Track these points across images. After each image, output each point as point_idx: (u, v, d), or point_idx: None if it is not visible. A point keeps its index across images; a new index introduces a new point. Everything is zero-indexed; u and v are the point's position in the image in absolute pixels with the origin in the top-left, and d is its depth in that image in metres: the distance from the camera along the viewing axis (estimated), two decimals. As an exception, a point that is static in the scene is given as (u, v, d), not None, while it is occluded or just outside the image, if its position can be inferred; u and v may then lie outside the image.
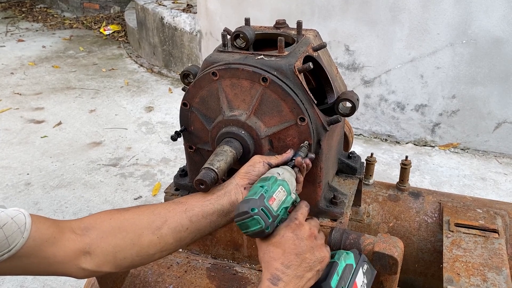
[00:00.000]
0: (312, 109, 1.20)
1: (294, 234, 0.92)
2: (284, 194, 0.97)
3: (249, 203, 0.90)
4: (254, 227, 0.90)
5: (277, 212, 0.93)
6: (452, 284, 1.26)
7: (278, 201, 0.94)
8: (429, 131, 3.29)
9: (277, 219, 0.93)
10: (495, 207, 1.58)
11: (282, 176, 1.00)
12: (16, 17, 7.19)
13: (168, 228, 0.95)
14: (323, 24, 3.28)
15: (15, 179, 2.96)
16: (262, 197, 0.92)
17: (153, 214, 0.97)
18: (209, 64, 1.26)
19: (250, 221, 0.89)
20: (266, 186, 0.95)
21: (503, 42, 2.86)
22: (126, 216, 0.96)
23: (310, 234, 0.95)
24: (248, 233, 0.91)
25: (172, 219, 0.96)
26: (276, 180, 0.97)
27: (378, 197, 1.67)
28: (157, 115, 3.88)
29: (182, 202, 1.00)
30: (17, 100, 4.20)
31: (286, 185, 0.99)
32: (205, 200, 1.00)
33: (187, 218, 0.97)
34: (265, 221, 0.90)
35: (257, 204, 0.90)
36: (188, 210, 0.98)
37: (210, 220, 0.99)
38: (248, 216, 0.89)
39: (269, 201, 0.92)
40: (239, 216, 0.90)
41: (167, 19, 4.64)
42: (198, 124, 1.31)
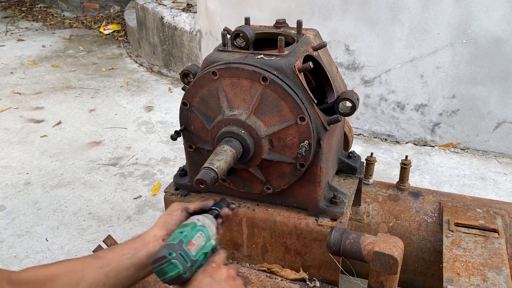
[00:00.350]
0: (312, 108, 1.20)
1: (211, 278, 0.92)
2: (204, 239, 0.96)
3: (167, 248, 0.90)
4: (171, 272, 0.89)
5: (196, 257, 0.93)
6: (452, 283, 1.26)
7: (197, 246, 0.94)
8: (429, 131, 3.29)
9: (195, 264, 0.93)
10: (495, 206, 1.58)
11: (201, 222, 1.00)
12: (16, 17, 7.19)
13: (85, 285, 0.97)
14: (323, 23, 3.28)
15: (14, 179, 2.96)
16: (181, 242, 0.91)
17: (72, 271, 0.98)
18: (209, 64, 1.26)
19: (168, 266, 0.89)
20: (185, 232, 0.94)
21: (503, 42, 2.86)
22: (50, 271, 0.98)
23: (228, 275, 0.94)
24: (166, 280, 0.90)
25: (89, 275, 0.97)
26: (196, 226, 0.97)
27: (378, 197, 1.67)
28: (157, 114, 3.88)
29: (100, 257, 1.01)
30: (17, 100, 4.19)
31: (206, 230, 0.98)
32: (123, 254, 1.00)
33: (104, 274, 0.98)
34: (183, 265, 0.89)
35: (175, 248, 0.90)
36: (105, 265, 0.99)
37: (127, 275, 0.99)
38: (166, 260, 0.89)
39: (188, 245, 0.92)
40: (157, 262, 0.90)
41: (167, 18, 4.64)
42: (198, 124, 1.31)
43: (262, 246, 1.43)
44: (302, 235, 1.36)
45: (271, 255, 1.43)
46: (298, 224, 1.35)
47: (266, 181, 1.31)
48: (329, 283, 1.39)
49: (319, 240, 1.34)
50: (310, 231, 1.34)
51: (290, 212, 1.37)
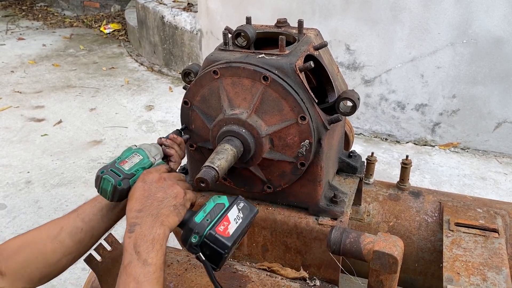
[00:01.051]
0: (313, 108, 1.20)
1: (142, 182, 0.99)
2: (139, 158, 1.07)
3: (100, 169, 1.02)
4: (107, 187, 1.00)
5: (131, 171, 1.03)
6: (452, 283, 1.27)
7: (131, 163, 1.04)
8: (429, 131, 3.29)
9: (132, 177, 1.02)
10: (495, 206, 1.59)
11: (138, 146, 1.11)
12: (16, 16, 7.19)
13: (65, 233, 1.06)
14: (323, 23, 3.28)
15: (15, 177, 2.96)
16: (113, 162, 1.03)
17: (50, 225, 1.08)
18: (210, 63, 1.26)
19: (103, 183, 1.00)
20: (120, 156, 1.06)
21: (504, 42, 2.86)
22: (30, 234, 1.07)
23: (160, 177, 1.01)
24: (108, 196, 1.01)
25: (67, 225, 1.07)
26: (130, 149, 1.09)
27: (379, 196, 1.67)
28: (158, 113, 3.88)
29: (76, 209, 1.11)
30: (18, 99, 4.20)
31: (142, 151, 1.09)
32: (94, 201, 1.12)
33: (80, 220, 1.08)
34: (114, 178, 1.00)
35: (107, 167, 1.02)
36: (80, 213, 1.09)
37: (101, 215, 1.09)
38: (99, 178, 1.00)
39: (120, 163, 1.03)
40: (95, 183, 1.02)
41: (168, 18, 4.64)
42: (199, 123, 1.31)
43: (262, 245, 1.44)
44: (302, 234, 1.36)
45: (272, 254, 1.44)
46: (298, 223, 1.35)
47: (267, 180, 1.32)
48: (329, 282, 1.39)
49: (319, 239, 1.34)
50: (311, 230, 1.34)
51: (290, 211, 1.37)
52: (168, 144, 1.19)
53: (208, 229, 0.94)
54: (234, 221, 0.99)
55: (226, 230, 0.96)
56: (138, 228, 0.91)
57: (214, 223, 0.96)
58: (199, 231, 0.94)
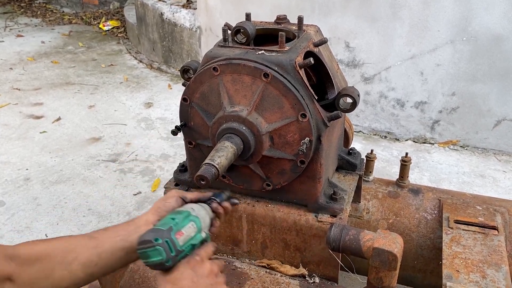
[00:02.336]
0: (313, 104, 1.20)
1: (193, 271, 0.91)
2: (194, 230, 0.95)
3: (154, 233, 0.89)
4: (154, 257, 0.88)
5: (182, 248, 0.91)
6: (452, 280, 1.27)
7: (186, 236, 0.92)
8: (429, 128, 3.29)
9: (180, 254, 0.91)
10: (494, 204, 1.59)
11: (196, 212, 0.98)
12: (15, 12, 7.16)
13: (78, 264, 0.99)
14: (323, 20, 3.27)
15: (14, 175, 2.96)
16: (170, 230, 0.90)
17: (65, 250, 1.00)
18: (209, 59, 1.25)
19: (152, 251, 0.88)
20: (177, 219, 0.93)
21: (503, 39, 2.86)
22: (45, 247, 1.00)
23: (211, 271, 0.94)
24: (148, 263, 0.90)
25: (82, 255, 0.99)
26: (189, 215, 0.96)
27: (378, 194, 1.67)
28: (157, 111, 3.87)
29: (95, 237, 1.03)
30: (16, 96, 4.19)
31: (199, 222, 0.97)
32: (116, 236, 1.02)
33: (97, 255, 1.00)
34: (167, 253, 0.88)
35: (163, 235, 0.89)
36: (98, 246, 1.01)
37: (120, 257, 1.01)
38: (151, 246, 0.88)
39: (176, 234, 0.90)
40: (142, 244, 0.89)
41: (167, 15, 4.63)
42: (198, 120, 1.31)
43: (261, 242, 1.44)
44: (301, 231, 1.36)
45: (271, 251, 1.44)
46: (297, 220, 1.35)
47: (266, 178, 1.31)
48: (329, 279, 1.39)
49: (318, 236, 1.34)
50: (310, 227, 1.34)
51: (290, 208, 1.37)
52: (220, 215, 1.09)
53: None
54: None
55: None
56: None
57: None
58: None
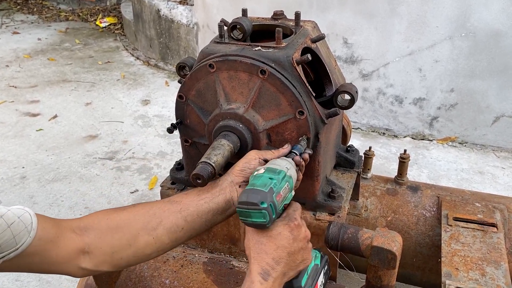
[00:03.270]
0: (311, 101, 1.18)
1: (291, 234, 0.92)
2: (288, 190, 0.95)
3: (260, 195, 0.87)
4: (257, 219, 0.88)
5: (280, 209, 0.92)
6: (451, 278, 1.26)
7: (283, 198, 0.93)
8: (427, 125, 3.28)
9: (278, 215, 0.92)
10: (493, 201, 1.58)
11: (290, 172, 0.98)
12: (11, 9, 7.12)
13: (164, 229, 0.96)
14: (321, 16, 3.25)
15: (10, 173, 2.94)
16: (272, 192, 0.89)
17: (148, 215, 0.97)
18: (205, 56, 1.24)
19: (256, 213, 0.87)
20: (275, 180, 0.92)
21: (502, 35, 2.85)
22: (123, 216, 0.97)
23: (305, 236, 0.95)
24: (247, 222, 0.89)
25: (167, 219, 0.96)
26: (285, 176, 0.95)
27: (376, 191, 1.66)
28: (154, 108, 3.86)
29: (177, 201, 1.00)
30: (12, 93, 4.16)
31: (291, 181, 0.97)
32: (200, 199, 1.00)
33: (182, 218, 0.97)
34: (270, 217, 0.88)
35: (268, 198, 0.88)
36: (183, 209, 0.98)
37: (206, 219, 0.99)
38: (256, 208, 0.87)
39: (277, 197, 0.90)
40: (246, 204, 0.87)
41: (164, 11, 4.60)
42: (194, 117, 1.29)
43: (259, 240, 1.42)
44: (299, 230, 1.35)
45: (269, 249, 1.42)
46: (295, 219, 1.34)
47: (264, 175, 1.30)
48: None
49: (316, 234, 1.33)
50: (308, 225, 1.32)
51: (287, 207, 1.36)
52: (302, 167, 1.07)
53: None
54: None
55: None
56: (271, 280, 0.88)
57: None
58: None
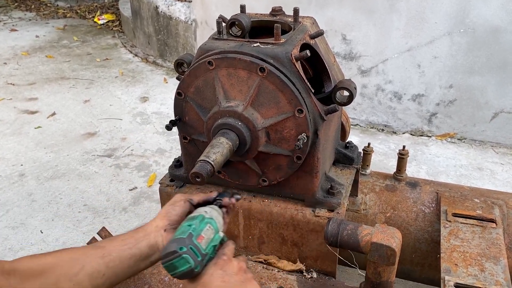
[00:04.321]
0: (310, 98, 1.18)
1: (223, 271, 0.91)
2: (213, 232, 0.95)
3: (178, 242, 0.88)
4: (182, 267, 0.87)
5: (206, 251, 0.91)
6: (450, 274, 1.26)
7: (207, 239, 0.92)
8: (426, 121, 3.28)
9: (205, 257, 0.91)
10: (492, 196, 1.58)
11: (209, 214, 0.98)
12: (9, 6, 7.09)
13: (85, 274, 0.95)
14: (320, 12, 3.24)
15: (8, 170, 2.93)
16: (191, 236, 0.89)
17: (71, 260, 0.97)
18: (204, 52, 1.23)
19: (179, 261, 0.87)
20: (194, 225, 0.92)
21: (501, 31, 2.84)
22: (47, 261, 0.96)
23: (239, 268, 0.94)
24: (176, 274, 0.89)
25: (89, 265, 0.96)
26: (204, 218, 0.95)
27: (375, 187, 1.66)
28: (152, 105, 3.85)
29: (101, 246, 1.00)
30: (11, 91, 4.15)
31: (214, 223, 0.97)
32: (123, 244, 0.99)
33: (104, 264, 0.97)
34: (194, 260, 0.88)
35: (186, 243, 0.88)
36: (105, 255, 0.98)
37: (128, 265, 0.98)
38: (177, 255, 0.87)
39: (198, 239, 0.90)
40: (167, 256, 0.87)
41: (162, 8, 4.59)
42: (193, 115, 1.29)
43: (258, 237, 1.42)
44: (299, 226, 1.35)
45: (268, 246, 1.42)
46: (295, 215, 1.34)
47: (262, 174, 1.30)
48: (326, 274, 1.38)
49: (316, 231, 1.33)
50: (307, 222, 1.33)
51: (286, 203, 1.36)
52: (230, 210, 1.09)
53: None
54: None
55: None
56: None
57: None
58: None
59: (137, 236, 1.00)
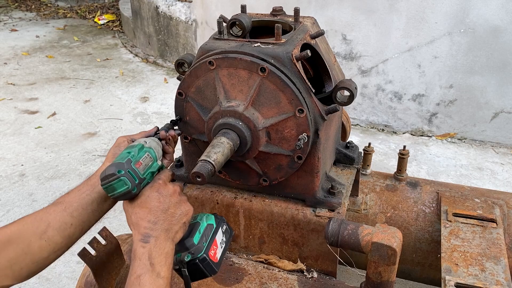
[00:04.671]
0: (310, 98, 1.18)
1: (158, 193, 0.97)
2: (151, 160, 1.02)
3: (116, 166, 0.94)
4: (120, 188, 0.94)
5: (144, 176, 0.98)
6: (450, 274, 1.26)
7: (144, 166, 0.99)
8: (426, 121, 3.28)
9: (143, 182, 0.98)
10: (493, 196, 1.58)
11: (148, 144, 1.06)
12: (9, 6, 7.09)
13: (53, 229, 1.00)
14: (320, 12, 3.24)
15: (9, 170, 2.93)
16: (129, 161, 0.96)
17: (36, 221, 1.01)
18: (204, 52, 1.23)
19: (117, 182, 0.94)
20: (132, 152, 0.99)
21: (501, 31, 2.84)
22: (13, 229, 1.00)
23: (174, 191, 1.00)
24: (115, 195, 0.95)
25: (54, 220, 1.01)
26: (143, 147, 1.03)
27: (376, 187, 1.66)
28: (153, 105, 3.85)
29: (61, 201, 1.05)
30: (11, 91, 4.15)
31: (153, 152, 1.04)
32: (81, 193, 1.05)
33: (69, 215, 1.02)
34: (132, 182, 0.94)
35: (124, 167, 0.95)
36: (67, 207, 1.03)
37: (92, 209, 1.05)
38: (115, 177, 0.93)
39: (136, 165, 0.97)
40: (106, 179, 0.94)
41: (162, 8, 4.59)
42: (193, 114, 1.29)
43: (259, 237, 1.42)
44: (299, 226, 1.35)
45: (268, 246, 1.43)
46: (295, 215, 1.34)
47: (263, 173, 1.30)
48: (327, 274, 1.38)
49: (316, 231, 1.33)
50: (308, 222, 1.33)
51: (287, 203, 1.36)
52: (170, 141, 1.17)
53: (202, 252, 0.99)
54: (220, 246, 1.05)
55: (216, 255, 1.02)
56: (153, 241, 0.92)
57: (207, 246, 1.01)
58: (194, 252, 0.99)
59: (91, 182, 1.07)
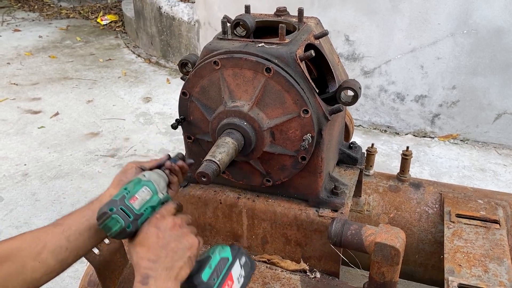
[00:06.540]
0: (314, 98, 1.18)
1: (156, 228, 0.93)
2: (149, 193, 0.98)
3: (109, 204, 0.91)
4: (115, 227, 0.91)
5: (141, 211, 0.94)
6: (453, 275, 1.26)
7: (141, 200, 0.95)
8: (429, 122, 3.28)
9: (140, 218, 0.94)
10: (496, 197, 1.58)
11: (147, 177, 1.01)
12: (12, 7, 7.11)
13: (48, 252, 0.98)
14: (322, 13, 3.25)
15: (12, 170, 2.94)
16: (123, 198, 0.93)
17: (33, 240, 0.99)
18: (209, 52, 1.24)
19: (110, 221, 0.91)
20: (128, 188, 0.96)
21: (504, 32, 2.84)
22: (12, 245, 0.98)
23: (174, 224, 0.95)
24: (112, 234, 0.92)
25: (50, 242, 0.98)
26: (140, 181, 0.99)
27: (379, 188, 1.66)
28: (155, 105, 3.86)
29: (60, 223, 1.02)
30: (14, 91, 4.16)
31: (152, 185, 0.99)
32: (82, 217, 1.02)
33: (65, 239, 0.99)
34: (125, 219, 0.91)
35: (116, 204, 0.91)
36: (65, 230, 1.00)
37: (89, 236, 1.01)
38: (107, 216, 0.90)
39: (130, 200, 0.93)
40: (100, 218, 0.91)
41: (165, 8, 4.60)
42: (197, 114, 1.29)
43: (262, 237, 1.43)
44: (302, 226, 1.35)
45: (271, 246, 1.43)
46: (298, 215, 1.34)
47: (266, 174, 1.30)
48: (330, 274, 1.38)
49: (319, 231, 1.33)
50: (311, 222, 1.33)
51: (290, 203, 1.36)
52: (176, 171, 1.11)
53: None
54: (237, 281, 0.99)
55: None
56: (152, 282, 0.88)
57: (219, 283, 0.95)
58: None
59: (93, 207, 1.03)
